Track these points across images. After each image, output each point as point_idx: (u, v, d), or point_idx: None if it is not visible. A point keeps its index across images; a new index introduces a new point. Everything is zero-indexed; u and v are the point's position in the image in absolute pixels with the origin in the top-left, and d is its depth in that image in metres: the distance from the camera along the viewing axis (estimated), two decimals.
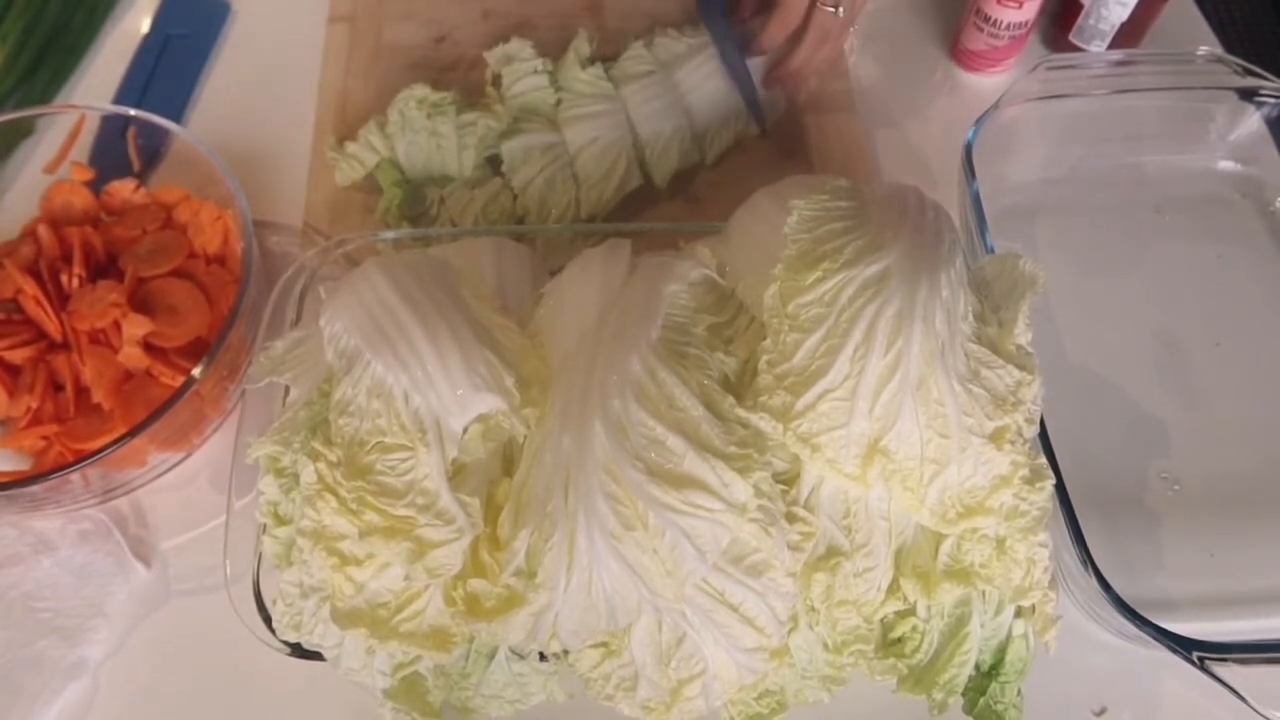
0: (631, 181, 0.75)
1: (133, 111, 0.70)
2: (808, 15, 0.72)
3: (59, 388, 0.63)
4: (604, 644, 0.47)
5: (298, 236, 0.76)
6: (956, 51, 0.86)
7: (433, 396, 0.49)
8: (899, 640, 0.51)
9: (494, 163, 0.76)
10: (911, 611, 0.50)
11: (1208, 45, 0.77)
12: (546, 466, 0.47)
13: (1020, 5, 0.78)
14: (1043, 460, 0.52)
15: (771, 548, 0.46)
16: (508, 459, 0.51)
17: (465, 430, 0.49)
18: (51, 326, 0.63)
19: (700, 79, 0.77)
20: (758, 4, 0.78)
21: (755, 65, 0.77)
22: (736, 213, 0.59)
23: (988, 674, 0.52)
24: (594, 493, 0.44)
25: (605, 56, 0.79)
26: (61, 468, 0.56)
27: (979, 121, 0.69)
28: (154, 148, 0.73)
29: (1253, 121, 0.75)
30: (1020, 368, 0.52)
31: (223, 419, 0.66)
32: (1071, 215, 0.78)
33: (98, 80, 0.85)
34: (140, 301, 0.65)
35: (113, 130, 0.72)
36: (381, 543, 0.46)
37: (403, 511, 0.46)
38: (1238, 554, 0.62)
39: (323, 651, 0.50)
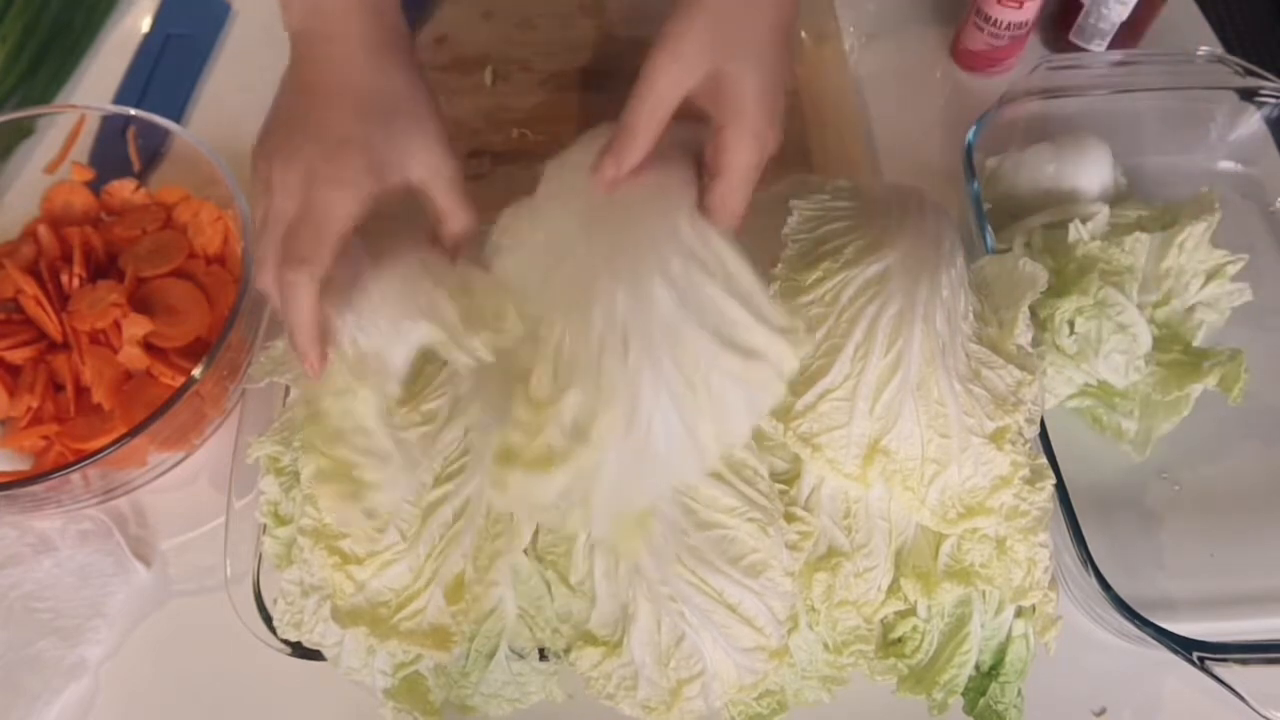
0: None
1: (133, 111, 0.70)
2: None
3: (59, 388, 0.63)
4: (604, 643, 0.47)
5: None
6: (957, 51, 0.86)
7: (374, 332, 0.47)
8: (899, 640, 0.51)
9: None
10: (912, 611, 0.50)
11: (1208, 45, 0.77)
12: (596, 326, 0.42)
13: (1020, 5, 0.78)
14: (1043, 460, 0.53)
15: (770, 547, 0.46)
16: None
17: (411, 364, 0.47)
18: (51, 326, 0.63)
19: None
20: None
21: None
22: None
23: (988, 674, 0.52)
24: (658, 350, 0.41)
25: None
26: (61, 468, 0.56)
27: (979, 121, 0.69)
28: (154, 148, 0.73)
29: (1253, 121, 0.75)
30: (1021, 368, 0.52)
31: (223, 419, 0.65)
32: None
33: (98, 80, 0.85)
34: (140, 301, 0.65)
35: (113, 130, 0.72)
36: (321, 486, 0.45)
37: (341, 453, 0.46)
38: (1238, 554, 0.62)
39: (323, 651, 0.50)
